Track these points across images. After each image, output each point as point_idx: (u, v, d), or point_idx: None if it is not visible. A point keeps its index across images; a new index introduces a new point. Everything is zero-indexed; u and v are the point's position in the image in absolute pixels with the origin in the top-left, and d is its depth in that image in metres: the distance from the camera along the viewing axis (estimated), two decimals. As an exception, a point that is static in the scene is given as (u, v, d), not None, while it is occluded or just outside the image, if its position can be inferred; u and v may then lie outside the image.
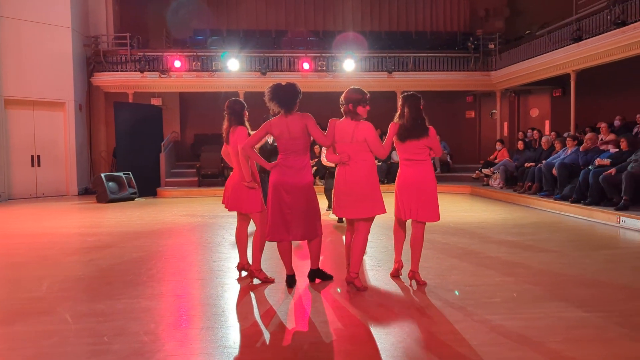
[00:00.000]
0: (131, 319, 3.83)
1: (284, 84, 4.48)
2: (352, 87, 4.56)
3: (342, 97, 4.50)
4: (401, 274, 4.89)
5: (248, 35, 18.11)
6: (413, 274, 4.62)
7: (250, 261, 5.06)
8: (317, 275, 4.76)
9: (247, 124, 4.93)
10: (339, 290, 4.52)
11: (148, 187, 13.72)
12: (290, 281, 4.62)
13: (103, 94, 16.09)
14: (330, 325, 3.71)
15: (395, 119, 4.67)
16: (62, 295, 4.54)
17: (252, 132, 4.88)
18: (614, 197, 8.48)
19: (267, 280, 4.80)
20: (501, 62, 15.73)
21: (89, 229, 8.38)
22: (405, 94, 4.70)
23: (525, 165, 11.66)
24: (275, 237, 4.49)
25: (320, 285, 4.67)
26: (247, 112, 4.97)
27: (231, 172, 5.05)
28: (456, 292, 4.44)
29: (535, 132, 13.07)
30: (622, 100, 12.46)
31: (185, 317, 3.98)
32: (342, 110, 4.50)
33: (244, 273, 5.08)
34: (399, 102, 4.69)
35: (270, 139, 7.63)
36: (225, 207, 4.99)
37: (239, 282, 4.85)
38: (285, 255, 4.60)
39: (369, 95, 4.51)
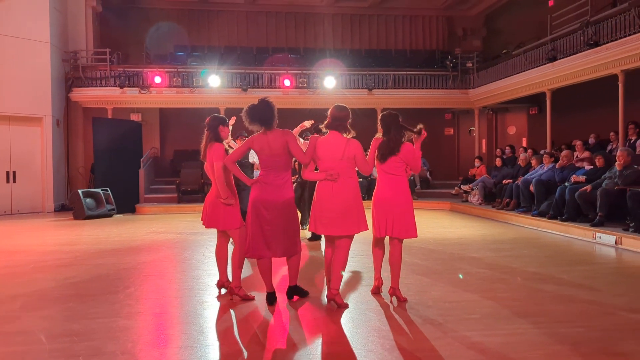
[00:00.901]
0: (108, 339, 3.75)
1: (256, 102, 4.49)
2: (338, 104, 4.58)
3: (336, 113, 4.48)
4: (382, 291, 4.89)
5: (229, 51, 18.17)
6: (394, 291, 4.62)
7: (230, 278, 5.03)
8: (295, 292, 4.72)
9: (224, 140, 4.89)
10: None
11: (126, 203, 13.55)
12: (271, 298, 4.58)
13: (81, 110, 15.92)
14: (310, 343, 3.69)
15: (378, 135, 4.69)
16: (36, 314, 4.43)
17: (228, 148, 4.89)
18: (589, 213, 8.63)
19: (246, 298, 4.76)
20: (479, 80, 16.01)
21: (65, 246, 8.23)
22: (386, 112, 4.71)
23: (503, 182, 11.82)
24: (255, 254, 4.46)
25: (300, 303, 4.64)
26: (225, 128, 4.93)
27: (210, 189, 5.02)
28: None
29: (520, 149, 13.26)
30: (596, 118, 12.75)
31: (163, 336, 3.92)
32: (331, 125, 4.47)
33: (223, 291, 5.03)
34: (380, 120, 4.69)
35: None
36: (204, 224, 4.95)
37: (218, 300, 4.80)
38: (266, 273, 4.56)
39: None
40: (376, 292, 4.89)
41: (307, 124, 6.14)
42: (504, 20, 18.25)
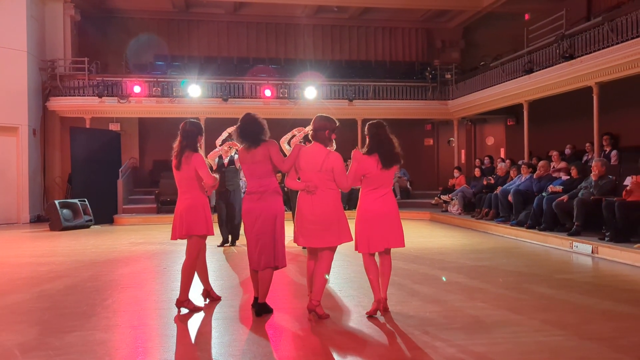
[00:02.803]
0: (84, 353, 3.68)
1: (244, 120, 4.51)
2: (321, 114, 4.54)
3: (316, 124, 4.46)
4: (382, 314, 4.52)
5: (209, 61, 18.13)
6: (385, 302, 4.57)
7: (208, 285, 5.06)
8: (264, 309, 4.56)
9: (200, 150, 4.83)
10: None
11: (104, 214, 13.36)
12: (256, 303, 4.59)
13: (59, 119, 15.69)
14: (292, 355, 3.66)
15: (365, 149, 4.51)
16: (11, 328, 4.33)
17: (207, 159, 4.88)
18: (566, 222, 8.76)
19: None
20: (457, 91, 16.21)
21: (41, 258, 8.06)
22: (375, 121, 4.60)
23: (484, 182, 12.10)
24: (251, 266, 4.53)
25: (281, 314, 4.61)
26: (201, 138, 4.85)
27: (181, 200, 4.87)
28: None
29: (498, 160, 13.49)
30: (572, 130, 12.99)
31: (142, 349, 3.85)
32: (313, 136, 4.46)
33: (206, 301, 5.00)
34: (368, 130, 4.55)
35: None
36: (178, 237, 4.83)
37: (199, 311, 4.73)
38: (255, 281, 4.60)
39: (337, 123, 4.56)
40: (374, 314, 4.50)
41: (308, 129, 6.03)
42: (482, 32, 18.55)
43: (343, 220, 4.43)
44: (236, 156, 8.24)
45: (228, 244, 8.88)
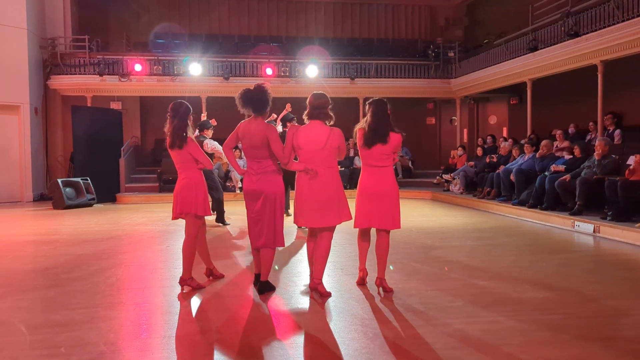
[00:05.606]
0: (89, 329, 3.72)
1: (252, 87, 4.49)
2: (316, 91, 4.52)
3: (316, 102, 4.41)
4: (366, 282, 4.88)
5: (211, 39, 17.97)
6: (380, 281, 4.61)
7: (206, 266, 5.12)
8: (266, 287, 4.61)
9: (190, 130, 4.80)
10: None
11: (107, 192, 13.42)
12: (257, 280, 4.65)
13: (60, 98, 15.66)
14: (293, 332, 3.70)
15: (361, 124, 4.61)
16: (16, 305, 4.38)
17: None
18: (568, 202, 8.77)
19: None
20: (460, 70, 16.08)
21: (45, 236, 8.12)
22: (373, 99, 4.62)
23: (487, 160, 12.16)
24: (252, 244, 4.59)
25: (284, 292, 4.65)
26: (191, 117, 4.86)
27: (179, 180, 4.89)
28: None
29: (501, 139, 13.44)
30: (576, 109, 12.91)
31: (145, 326, 3.90)
32: (313, 114, 4.41)
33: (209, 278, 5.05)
34: (366, 108, 4.62)
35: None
36: (176, 217, 4.85)
37: (203, 289, 4.78)
38: (256, 258, 4.66)
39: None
40: (361, 283, 4.85)
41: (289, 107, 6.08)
42: (486, 10, 18.30)
43: (343, 199, 4.43)
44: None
45: (228, 224, 8.89)
